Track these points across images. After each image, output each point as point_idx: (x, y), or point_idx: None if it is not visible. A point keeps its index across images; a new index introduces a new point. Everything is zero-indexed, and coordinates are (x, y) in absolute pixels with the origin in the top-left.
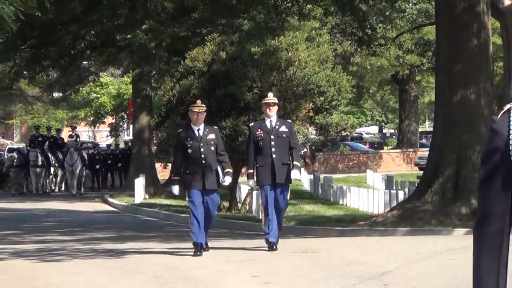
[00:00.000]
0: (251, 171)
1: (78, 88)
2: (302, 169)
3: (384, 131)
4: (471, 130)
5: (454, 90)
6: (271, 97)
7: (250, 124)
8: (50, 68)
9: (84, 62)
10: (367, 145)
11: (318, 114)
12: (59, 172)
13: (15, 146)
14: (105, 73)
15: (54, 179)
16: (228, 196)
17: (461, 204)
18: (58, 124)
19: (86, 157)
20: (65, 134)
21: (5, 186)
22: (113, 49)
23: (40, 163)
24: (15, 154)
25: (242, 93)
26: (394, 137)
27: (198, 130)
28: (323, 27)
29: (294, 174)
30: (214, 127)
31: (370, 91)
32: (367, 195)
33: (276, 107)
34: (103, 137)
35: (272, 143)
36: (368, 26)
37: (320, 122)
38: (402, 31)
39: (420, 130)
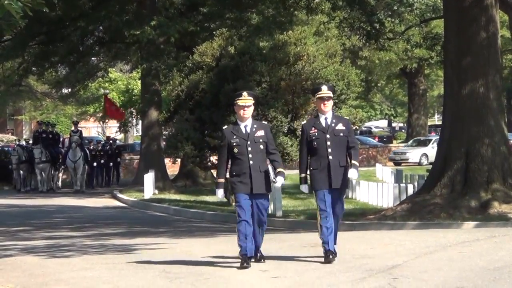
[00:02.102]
0: (303, 175)
1: (87, 84)
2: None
3: (393, 125)
4: (480, 123)
5: (462, 84)
6: (325, 91)
7: (303, 123)
8: (59, 64)
9: (92, 58)
10: (376, 139)
11: None
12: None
13: (24, 142)
14: (113, 69)
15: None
16: None
17: (470, 197)
18: (67, 120)
19: (88, 154)
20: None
21: (15, 183)
22: (121, 45)
23: (44, 159)
24: (19, 150)
25: (251, 88)
26: (403, 130)
27: (245, 126)
28: (331, 21)
29: (352, 173)
30: (264, 122)
31: (379, 85)
32: (377, 189)
33: (331, 102)
34: (112, 133)
35: (328, 143)
36: (377, 20)
37: None
38: (411, 25)
39: (429, 123)
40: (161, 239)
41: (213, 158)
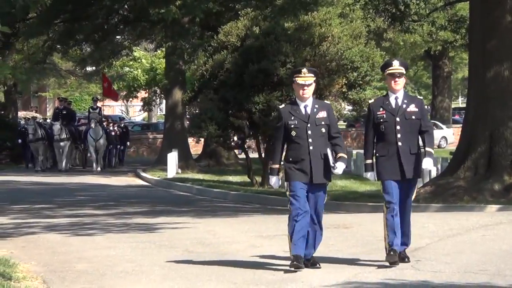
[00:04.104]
0: (369, 161)
1: (111, 62)
2: None
3: None
4: (504, 106)
5: (487, 67)
6: (396, 66)
7: (370, 101)
8: (83, 42)
9: (117, 37)
10: None
11: (351, 90)
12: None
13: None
14: (138, 48)
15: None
16: (260, 171)
17: (493, 180)
18: (90, 98)
19: (106, 132)
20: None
21: (26, 161)
22: (146, 23)
23: (64, 136)
24: (36, 126)
25: (275, 68)
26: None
27: (305, 107)
28: (356, 3)
29: (427, 163)
30: (326, 102)
31: None
32: None
33: (403, 79)
34: (136, 111)
35: (398, 127)
36: (402, 3)
37: (353, 97)
38: (436, 8)
39: (453, 106)
40: (184, 218)
41: (236, 138)
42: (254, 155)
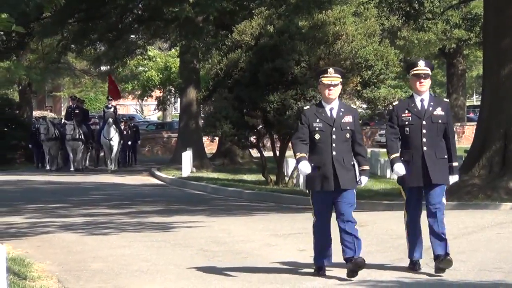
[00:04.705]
0: (395, 155)
1: (125, 62)
2: None
3: None
4: None
5: (502, 64)
6: (422, 67)
7: (394, 103)
8: (98, 42)
9: (131, 36)
10: None
11: (366, 88)
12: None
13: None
14: (152, 47)
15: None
16: (275, 169)
17: (508, 178)
18: (104, 99)
19: (123, 131)
20: None
21: (37, 160)
22: (160, 22)
23: (77, 137)
24: (49, 124)
25: (290, 67)
26: None
27: (331, 109)
28: (371, 1)
29: (453, 179)
30: (353, 107)
31: None
32: None
33: (429, 81)
34: (150, 110)
35: (424, 130)
36: (416, 1)
37: (367, 96)
38: (450, 6)
39: (467, 104)
40: (199, 217)
41: (251, 138)
42: (268, 153)
